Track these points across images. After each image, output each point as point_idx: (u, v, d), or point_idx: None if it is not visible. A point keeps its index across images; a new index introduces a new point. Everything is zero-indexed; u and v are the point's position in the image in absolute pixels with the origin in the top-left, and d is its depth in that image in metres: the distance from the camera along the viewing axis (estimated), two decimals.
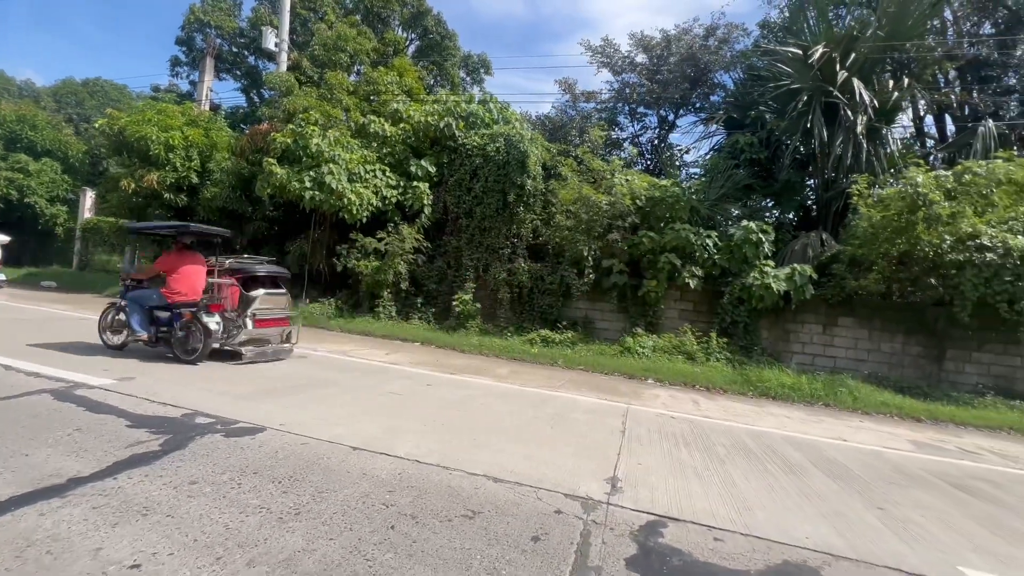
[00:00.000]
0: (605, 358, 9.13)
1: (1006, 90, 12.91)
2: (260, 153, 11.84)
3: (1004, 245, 7.90)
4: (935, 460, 4.65)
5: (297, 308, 11.62)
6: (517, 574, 2.03)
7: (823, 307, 10.06)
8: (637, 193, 10.97)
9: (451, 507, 2.56)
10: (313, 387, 4.96)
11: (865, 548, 2.53)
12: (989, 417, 7.09)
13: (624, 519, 2.60)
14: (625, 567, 2.15)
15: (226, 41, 18.61)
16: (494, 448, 3.56)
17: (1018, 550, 2.70)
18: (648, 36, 16.37)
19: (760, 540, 2.49)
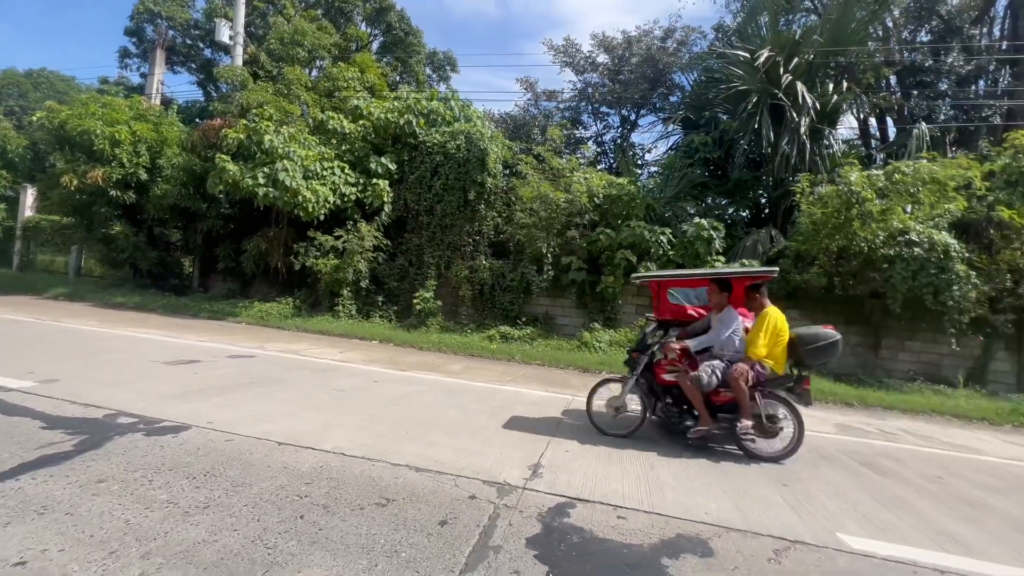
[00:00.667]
0: (562, 353, 9.29)
1: (939, 94, 13.74)
2: (213, 149, 11.51)
3: (930, 240, 8.42)
4: (852, 441, 4.96)
5: (253, 307, 11.42)
6: (417, 555, 2.10)
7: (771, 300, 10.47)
8: (595, 191, 11.20)
9: (366, 496, 2.61)
10: (255, 386, 4.90)
11: (758, 520, 2.71)
12: (914, 401, 7.56)
13: (535, 502, 2.70)
14: (525, 545, 2.25)
15: (179, 33, 17.94)
16: (426, 440, 3.62)
17: (897, 518, 2.94)
18: (609, 37, 16.68)
19: (661, 517, 2.64)
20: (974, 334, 9.27)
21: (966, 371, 9.50)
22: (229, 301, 11.91)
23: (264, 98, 11.77)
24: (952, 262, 8.32)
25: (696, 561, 2.23)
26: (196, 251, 13.85)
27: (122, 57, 18.53)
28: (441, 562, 2.06)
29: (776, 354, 4.03)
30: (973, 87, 15.01)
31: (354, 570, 1.97)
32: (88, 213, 12.34)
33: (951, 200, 8.56)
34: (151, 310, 10.86)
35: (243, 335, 8.61)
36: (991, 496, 3.53)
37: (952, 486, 3.69)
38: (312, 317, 11.08)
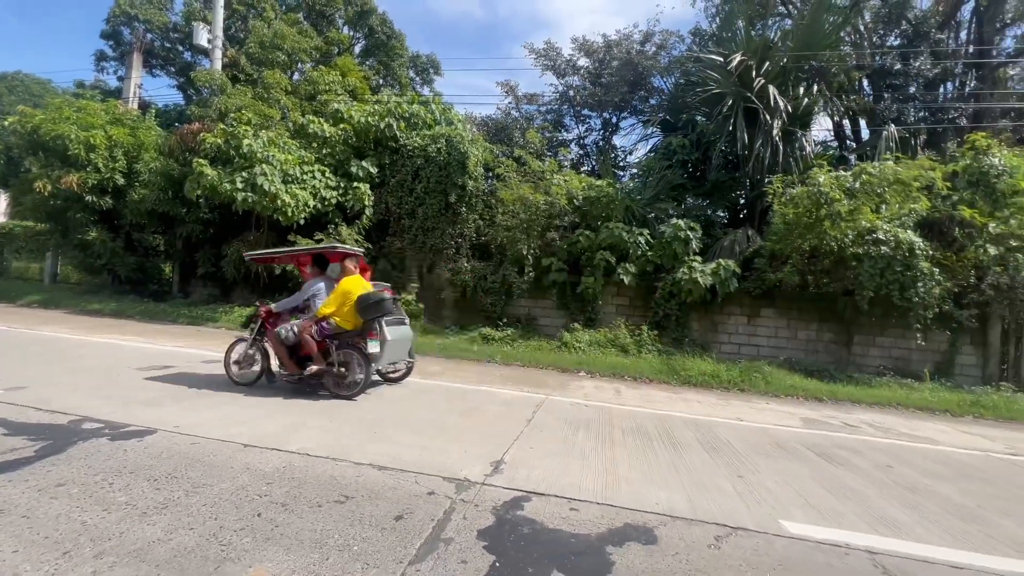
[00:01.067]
0: (542, 353, 9.40)
1: (908, 97, 14.13)
2: (191, 153, 11.44)
3: (895, 239, 8.69)
4: (815, 434, 5.12)
5: (233, 312, 11.35)
6: (368, 549, 2.17)
7: (747, 299, 10.72)
8: (574, 193, 11.35)
9: (326, 494, 2.68)
10: (226, 390, 4.91)
11: (706, 509, 2.82)
12: (881, 395, 7.80)
13: (492, 496, 2.79)
14: (476, 537, 2.33)
15: (158, 36, 17.74)
16: (392, 440, 3.68)
17: (841, 504, 3.08)
18: (590, 41, 16.88)
19: (612, 508, 2.74)
20: (941, 329, 9.56)
21: (934, 365, 9.80)
22: (209, 307, 11.82)
23: (243, 102, 11.73)
24: (917, 259, 8.59)
25: (640, 548, 2.33)
26: (176, 256, 13.72)
27: (98, 60, 18.29)
28: (391, 554, 2.14)
29: (344, 312, 4.85)
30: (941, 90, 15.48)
31: (305, 564, 2.03)
32: (63, 219, 12.17)
33: (916, 200, 8.84)
34: (128, 316, 10.75)
35: (220, 340, 8.54)
36: (935, 482, 3.70)
37: (900, 474, 3.85)
38: None
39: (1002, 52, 16.49)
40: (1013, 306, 9.14)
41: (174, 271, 13.89)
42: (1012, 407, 7.42)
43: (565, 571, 2.10)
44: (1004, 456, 4.78)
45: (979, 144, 9.40)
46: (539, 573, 2.07)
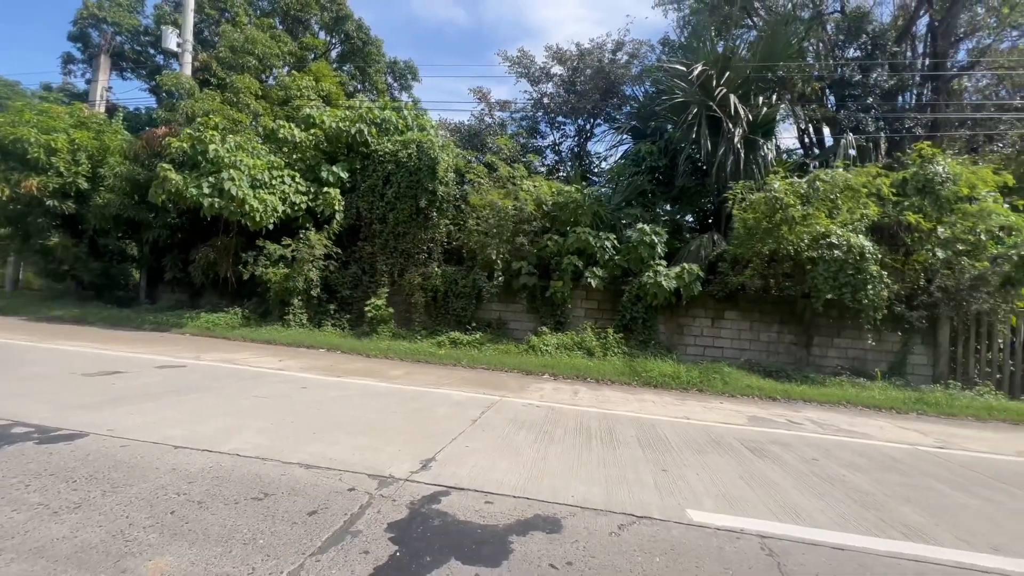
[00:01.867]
0: (509, 356, 9.49)
1: (866, 107, 14.67)
2: (157, 158, 11.33)
3: (848, 243, 9.02)
4: (755, 430, 5.31)
5: (199, 317, 11.23)
6: (274, 541, 2.24)
7: (711, 302, 10.98)
8: (543, 199, 11.52)
9: (245, 492, 2.73)
10: (173, 394, 4.91)
11: (619, 500, 2.95)
12: (832, 394, 8.06)
13: (412, 492, 2.87)
14: (384, 530, 2.41)
15: (127, 38, 17.53)
16: (329, 440, 3.74)
17: (754, 494, 3.23)
18: (563, 49, 17.18)
19: (527, 501, 2.85)
20: (893, 330, 9.93)
21: (888, 365, 10.15)
22: (175, 312, 11.67)
23: (211, 106, 11.67)
24: (867, 263, 8.92)
25: (543, 537, 2.44)
26: (143, 262, 13.52)
27: (65, 63, 17.96)
28: (295, 546, 2.20)
29: None
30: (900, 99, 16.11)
31: (206, 557, 2.09)
32: (24, 223, 11.91)
33: (866, 206, 9.20)
34: (90, 323, 10.56)
35: (182, 346, 8.49)
36: (852, 473, 3.89)
37: (823, 466, 4.03)
38: (261, 327, 10.97)
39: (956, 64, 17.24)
40: (959, 307, 9.55)
41: (141, 276, 13.67)
42: (954, 404, 7.74)
43: (462, 558, 2.19)
44: (930, 449, 5.02)
45: (925, 153, 9.82)
46: (437, 561, 2.16)
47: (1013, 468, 4.46)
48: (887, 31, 16.40)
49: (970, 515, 3.16)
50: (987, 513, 3.23)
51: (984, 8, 16.50)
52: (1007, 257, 8.72)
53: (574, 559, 2.24)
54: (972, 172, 9.33)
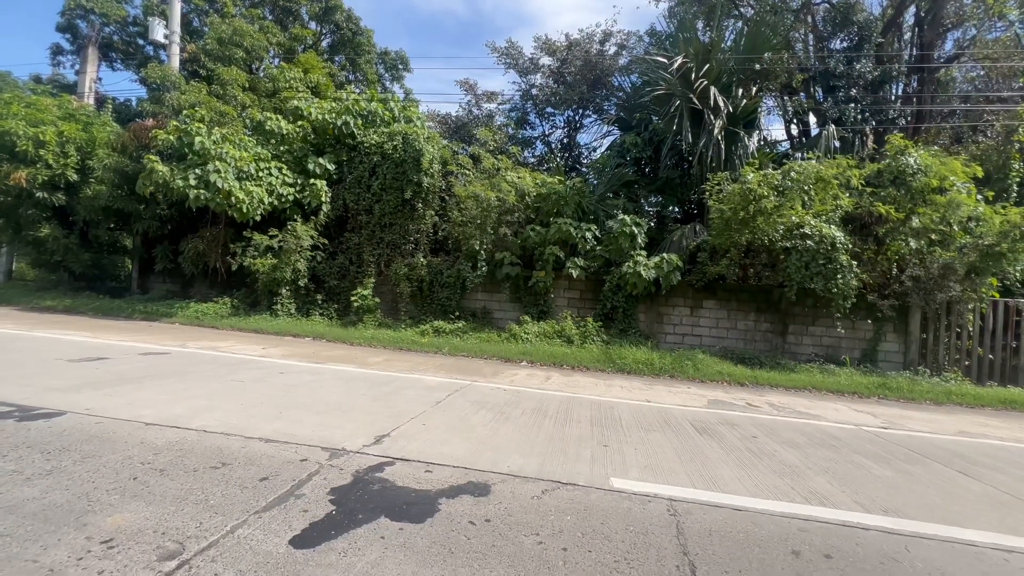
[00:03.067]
0: (490, 344, 9.75)
1: (850, 99, 14.78)
2: (144, 150, 11.48)
3: (819, 233, 9.23)
4: (710, 412, 5.57)
5: (189, 307, 11.46)
6: (223, 502, 2.49)
7: (690, 291, 11.21)
8: (525, 190, 11.70)
9: (205, 462, 2.98)
10: (152, 379, 5.16)
11: (551, 470, 3.20)
12: (800, 379, 8.33)
13: (360, 462, 3.13)
14: (326, 493, 2.67)
15: (116, 29, 17.54)
16: (293, 419, 3.99)
17: (682, 467, 3.49)
18: (552, 40, 17.22)
19: (464, 470, 3.11)
20: (866, 318, 10.18)
21: (861, 352, 10.43)
22: (165, 302, 11.90)
23: (198, 99, 11.79)
24: (838, 253, 9.14)
25: (470, 500, 2.69)
26: (134, 252, 13.72)
27: (54, 54, 17.99)
28: (241, 505, 2.46)
29: None
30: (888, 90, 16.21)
31: (160, 513, 2.35)
32: (14, 215, 12.09)
33: (837, 197, 9.40)
34: (81, 312, 10.79)
35: (170, 335, 8.74)
36: (785, 449, 4.15)
37: (760, 443, 4.30)
38: (250, 316, 11.21)
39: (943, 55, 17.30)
40: (928, 296, 9.78)
41: (133, 267, 13.88)
42: (915, 389, 8.02)
43: (391, 516, 2.45)
44: (873, 429, 5.29)
45: (898, 144, 10.00)
46: (367, 518, 2.42)
47: (945, 446, 4.73)
48: (875, 22, 16.46)
49: (880, 484, 3.43)
50: (897, 483, 3.49)
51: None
52: (973, 247, 8.94)
53: (492, 517, 2.50)
54: (943, 164, 9.52)
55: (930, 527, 2.72)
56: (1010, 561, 2.41)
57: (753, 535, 2.49)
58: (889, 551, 2.43)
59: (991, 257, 8.77)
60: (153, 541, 2.11)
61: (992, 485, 3.58)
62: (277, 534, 2.22)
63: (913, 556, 2.40)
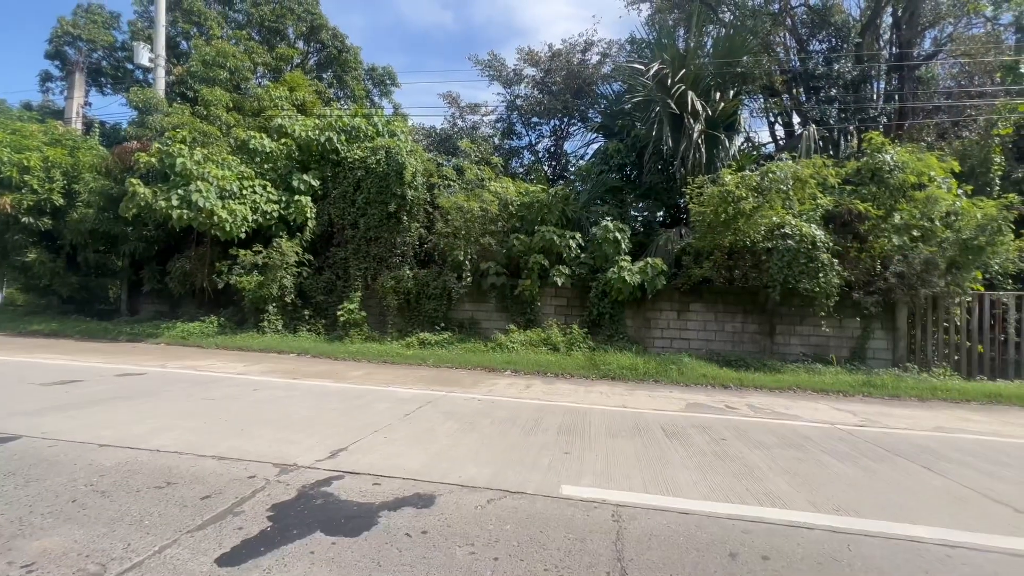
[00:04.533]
0: (475, 355, 9.73)
1: (830, 99, 14.91)
2: (128, 172, 11.58)
3: (800, 233, 9.25)
4: (684, 415, 5.53)
5: (175, 327, 11.46)
6: (159, 522, 2.47)
7: (677, 295, 11.20)
8: (510, 199, 11.75)
9: (150, 482, 2.96)
10: (122, 399, 5.14)
11: (503, 479, 3.17)
12: (785, 380, 8.28)
13: (309, 477, 3.10)
14: (266, 509, 2.64)
15: (105, 54, 17.79)
16: (253, 435, 3.97)
17: (639, 472, 3.45)
18: (535, 51, 17.43)
19: (413, 481, 3.08)
20: (853, 316, 10.15)
21: (849, 350, 10.37)
22: (152, 323, 11.91)
23: (181, 120, 11.91)
24: (818, 251, 9.15)
25: (412, 512, 2.67)
26: (122, 274, 13.76)
27: (43, 81, 18.24)
28: (176, 525, 2.44)
29: None
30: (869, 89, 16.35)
31: (90, 536, 2.32)
32: (1, 240, 12.16)
33: (814, 196, 9.43)
34: (66, 336, 10.80)
35: (152, 356, 8.73)
36: (751, 450, 4.11)
37: (727, 445, 4.26)
38: (236, 335, 11.21)
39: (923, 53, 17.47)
40: (913, 292, 9.75)
41: (121, 289, 13.92)
42: (899, 385, 7.97)
43: (326, 530, 2.42)
44: (848, 427, 5.24)
45: (875, 142, 10.05)
46: (302, 533, 2.39)
47: (917, 442, 4.69)
48: (853, 23, 16.67)
49: (839, 483, 3.39)
50: (857, 481, 3.45)
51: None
52: (952, 241, 8.94)
53: (430, 529, 2.47)
54: (919, 159, 9.56)
55: (878, 524, 2.69)
56: (952, 557, 2.38)
57: (694, 538, 2.46)
58: (830, 550, 2.39)
59: (971, 251, 8.77)
60: (75, 564, 2.08)
61: (954, 480, 3.54)
62: (205, 553, 2.19)
63: (853, 555, 2.36)
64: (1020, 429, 5.51)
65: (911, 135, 15.51)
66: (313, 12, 19.20)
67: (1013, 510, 3.00)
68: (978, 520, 2.83)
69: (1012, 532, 2.68)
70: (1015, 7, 13.81)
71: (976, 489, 3.36)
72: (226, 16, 17.80)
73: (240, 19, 18.66)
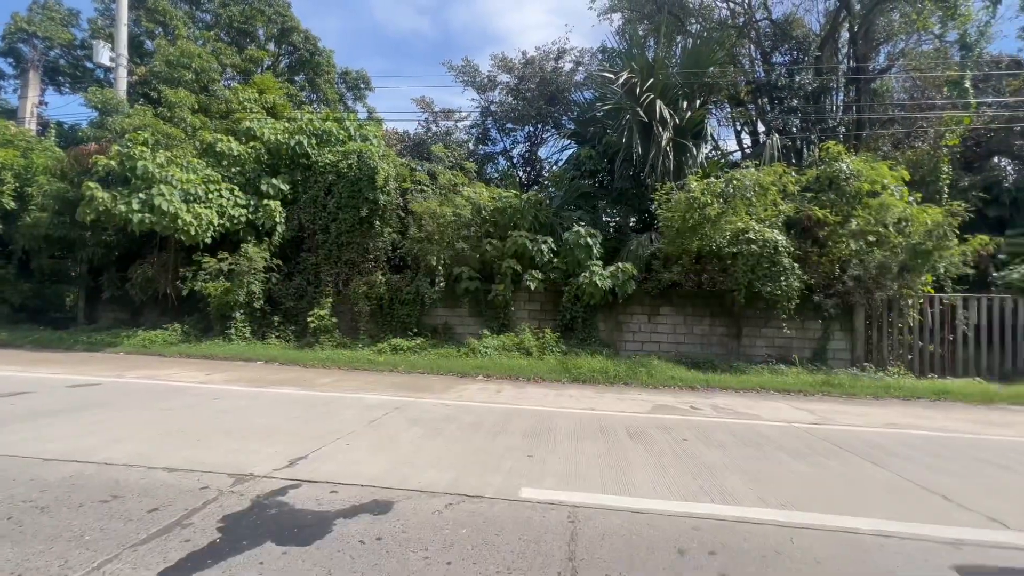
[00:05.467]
0: (448, 360, 9.69)
1: (792, 109, 15.51)
2: (86, 175, 11.14)
3: (763, 238, 9.57)
4: (649, 417, 5.64)
5: (136, 336, 11.05)
6: (99, 537, 2.39)
7: (647, 299, 11.40)
8: (482, 205, 11.78)
9: (95, 496, 2.86)
10: (73, 411, 4.93)
11: (463, 484, 3.18)
12: (750, 381, 8.53)
13: (264, 487, 3.04)
14: (217, 521, 2.58)
15: (63, 53, 17.11)
16: (210, 446, 3.87)
17: (599, 473, 3.51)
18: (508, 58, 17.59)
19: (372, 488, 3.06)
20: (815, 318, 10.53)
21: (811, 351, 10.74)
22: (112, 332, 11.45)
23: (143, 122, 11.55)
24: (780, 256, 9.49)
25: (368, 518, 2.65)
26: (80, 281, 13.20)
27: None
28: (119, 539, 2.36)
29: None
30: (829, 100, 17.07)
31: (25, 554, 2.23)
32: None
33: (775, 203, 9.78)
34: (18, 346, 10.30)
35: (109, 365, 8.39)
36: (709, 450, 4.23)
37: (687, 445, 4.36)
38: (201, 343, 10.88)
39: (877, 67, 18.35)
40: (869, 295, 10.20)
41: (79, 296, 13.34)
42: (856, 384, 8.31)
43: (277, 540, 2.39)
44: (804, 425, 5.44)
45: (832, 151, 10.51)
46: (252, 544, 2.35)
47: (868, 438, 4.90)
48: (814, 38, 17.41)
49: (790, 479, 3.52)
50: (807, 476, 3.60)
51: (899, 15, 17.63)
52: (903, 246, 9.40)
53: (385, 535, 2.46)
54: (872, 168, 10.03)
55: (821, 518, 2.81)
56: (885, 546, 2.50)
57: (645, 536, 2.52)
58: (774, 544, 2.49)
59: (920, 255, 9.24)
60: None
61: (898, 473, 3.72)
62: (148, 567, 2.14)
63: (795, 547, 2.46)
64: (962, 424, 5.82)
65: (868, 145, 16.24)
66: (284, 14, 18.92)
67: (944, 499, 3.18)
68: (913, 510, 2.98)
69: (941, 520, 2.84)
70: (959, 26, 14.65)
71: (915, 481, 3.54)
72: (193, 16, 17.37)
73: (208, 19, 18.25)
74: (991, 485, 3.52)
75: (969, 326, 10.12)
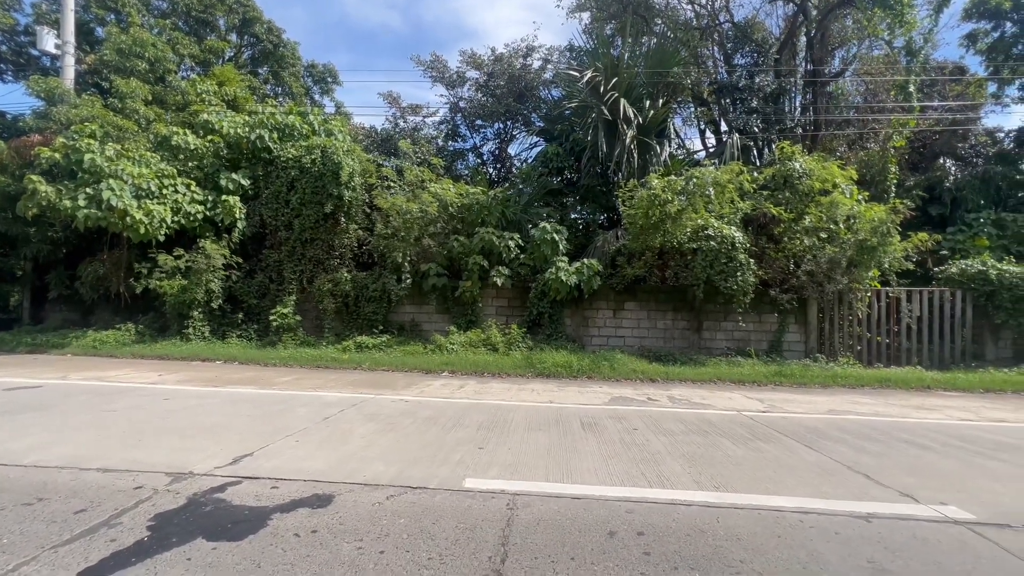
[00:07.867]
0: (413, 357, 9.65)
1: (752, 110, 16.02)
2: (29, 168, 10.58)
3: (721, 234, 9.87)
4: (605, 408, 5.77)
5: (86, 336, 10.58)
6: (18, 540, 2.31)
7: (612, 294, 11.60)
8: (449, 201, 11.74)
9: (19, 499, 2.75)
10: (6, 415, 4.70)
11: (408, 476, 3.21)
12: (708, 373, 8.81)
13: (202, 484, 2.99)
14: (148, 520, 2.53)
15: (5, 38, 16.15)
16: (151, 446, 3.77)
17: (545, 463, 3.59)
18: (477, 54, 17.54)
19: (314, 483, 3.05)
20: (771, 312, 10.93)
21: (768, 344, 11.15)
22: (59, 332, 10.93)
23: (91, 112, 11.03)
24: (737, 252, 9.80)
25: (306, 512, 2.64)
26: (24, 279, 12.54)
27: None
28: (39, 541, 2.29)
29: None
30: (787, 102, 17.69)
31: None
32: None
33: (733, 200, 10.11)
34: None
35: (54, 367, 8.02)
36: (657, 438, 4.37)
37: (637, 435, 4.50)
38: (157, 343, 10.51)
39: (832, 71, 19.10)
40: (821, 288, 10.65)
41: (23, 296, 12.67)
42: (806, 374, 8.69)
43: (209, 536, 2.36)
44: (752, 414, 5.67)
45: (787, 151, 10.91)
46: (181, 541, 2.31)
47: (808, 424, 5.15)
48: (773, 41, 18.00)
49: (727, 463, 3.68)
50: (744, 460, 3.76)
51: (852, 21, 18.39)
52: (851, 243, 9.85)
53: (321, 528, 2.47)
54: (823, 168, 10.47)
55: (749, 498, 2.95)
56: (804, 522, 2.66)
57: (579, 521, 2.60)
58: (700, 524, 2.61)
59: (866, 251, 9.71)
60: None
61: (828, 455, 3.94)
62: (66, 568, 2.08)
63: (719, 526, 2.58)
64: (895, 409, 6.17)
65: (825, 145, 16.93)
66: (246, 4, 18.33)
67: (866, 478, 3.38)
68: (835, 488, 3.17)
69: (860, 497, 3.03)
70: (905, 33, 15.41)
71: (842, 462, 3.75)
72: (147, 3, 16.63)
73: (164, 7, 17.50)
74: (909, 463, 3.77)
75: (912, 318, 10.69)
